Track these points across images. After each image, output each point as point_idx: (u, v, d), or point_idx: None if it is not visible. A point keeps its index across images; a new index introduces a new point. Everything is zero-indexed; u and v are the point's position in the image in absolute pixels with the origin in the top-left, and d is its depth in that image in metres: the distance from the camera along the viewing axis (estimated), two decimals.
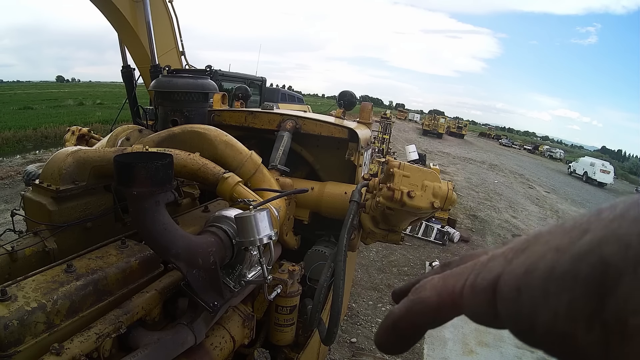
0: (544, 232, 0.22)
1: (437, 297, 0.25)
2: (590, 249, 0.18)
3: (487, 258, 0.24)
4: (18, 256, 1.30)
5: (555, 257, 0.19)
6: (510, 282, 0.21)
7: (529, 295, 0.20)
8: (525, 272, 0.20)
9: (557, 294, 0.19)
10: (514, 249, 0.22)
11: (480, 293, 0.23)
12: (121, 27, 3.96)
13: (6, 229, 1.51)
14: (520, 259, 0.21)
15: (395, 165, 1.69)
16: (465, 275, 0.24)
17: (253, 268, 1.36)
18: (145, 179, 1.00)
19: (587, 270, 0.18)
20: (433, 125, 32.95)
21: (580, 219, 0.20)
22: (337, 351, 3.75)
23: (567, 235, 0.20)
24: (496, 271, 0.22)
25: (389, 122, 12.43)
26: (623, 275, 0.17)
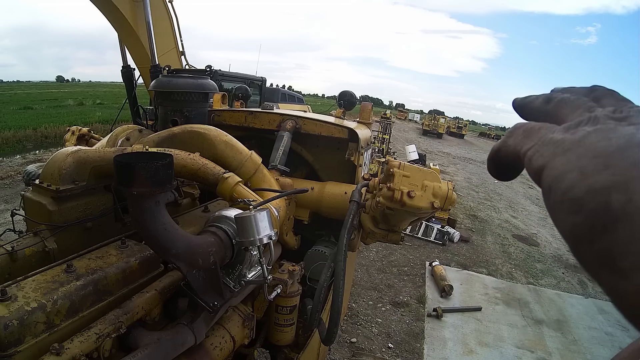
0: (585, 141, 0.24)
1: (513, 147, 0.31)
2: (602, 188, 0.20)
3: (548, 138, 0.28)
4: (18, 256, 1.30)
5: (578, 180, 0.22)
6: (546, 179, 0.25)
7: (554, 198, 0.24)
8: (555, 178, 0.24)
9: (569, 211, 0.22)
10: (564, 142, 0.26)
11: (531, 170, 0.28)
12: (121, 27, 3.96)
13: (6, 229, 1.51)
14: (560, 160, 0.25)
15: (395, 165, 1.69)
16: (532, 143, 0.29)
17: (253, 268, 1.36)
18: (145, 179, 1.00)
19: (593, 205, 0.20)
20: (433, 125, 32.93)
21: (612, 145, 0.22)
22: (337, 351, 3.75)
23: (594, 160, 0.22)
24: (543, 160, 0.26)
25: (389, 122, 12.43)
26: (619, 222, 0.19)
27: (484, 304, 5.04)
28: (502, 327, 4.61)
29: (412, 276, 5.62)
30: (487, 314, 4.85)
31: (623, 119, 0.25)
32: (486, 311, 4.91)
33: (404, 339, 4.15)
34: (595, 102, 0.31)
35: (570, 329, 4.75)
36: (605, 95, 0.32)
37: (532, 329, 4.68)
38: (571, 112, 0.30)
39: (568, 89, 0.35)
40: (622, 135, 0.23)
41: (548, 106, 0.33)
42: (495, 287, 5.69)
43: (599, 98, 0.32)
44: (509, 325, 4.67)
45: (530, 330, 4.65)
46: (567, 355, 4.25)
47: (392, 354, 3.91)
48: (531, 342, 4.40)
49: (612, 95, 0.31)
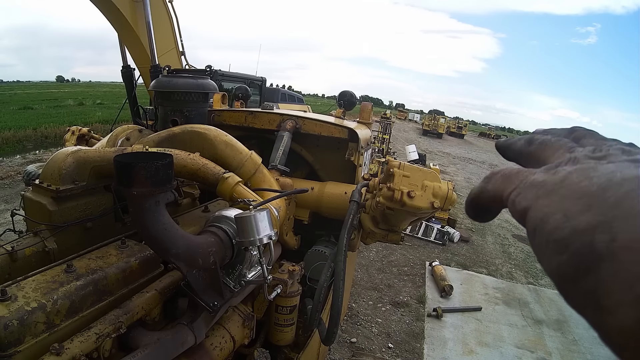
0: (568, 180, 0.25)
1: (493, 193, 0.32)
2: (586, 228, 0.21)
3: (530, 180, 0.28)
4: (18, 256, 1.30)
5: (561, 221, 0.23)
6: (531, 221, 0.25)
7: (539, 239, 0.24)
8: (540, 220, 0.24)
9: (554, 251, 0.22)
10: (546, 184, 0.26)
11: (515, 212, 0.28)
12: (121, 27, 3.96)
13: (6, 229, 1.51)
14: (543, 202, 0.25)
15: (395, 165, 1.68)
16: (514, 186, 0.29)
17: (253, 268, 1.36)
18: (145, 179, 1.00)
19: (578, 246, 0.21)
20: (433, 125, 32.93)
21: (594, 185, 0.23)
22: (337, 351, 3.75)
23: (578, 201, 0.23)
24: (527, 202, 0.26)
25: (389, 122, 12.42)
26: (603, 262, 0.19)
27: (484, 304, 5.05)
28: (502, 327, 4.61)
29: (412, 276, 5.62)
30: (487, 314, 4.85)
31: (603, 158, 0.26)
32: (486, 311, 4.91)
33: (404, 339, 4.15)
34: (576, 142, 0.31)
35: (570, 329, 4.75)
36: (585, 135, 0.33)
37: (532, 329, 4.69)
38: (552, 153, 0.31)
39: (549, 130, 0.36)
40: (602, 174, 0.23)
41: (530, 148, 0.34)
42: (495, 287, 5.69)
43: (579, 138, 0.32)
44: (509, 325, 4.67)
45: (530, 330, 4.65)
46: (567, 355, 4.25)
47: (392, 354, 3.91)
48: (531, 342, 4.40)
49: (592, 135, 0.32)
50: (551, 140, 0.33)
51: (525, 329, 4.67)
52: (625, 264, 0.19)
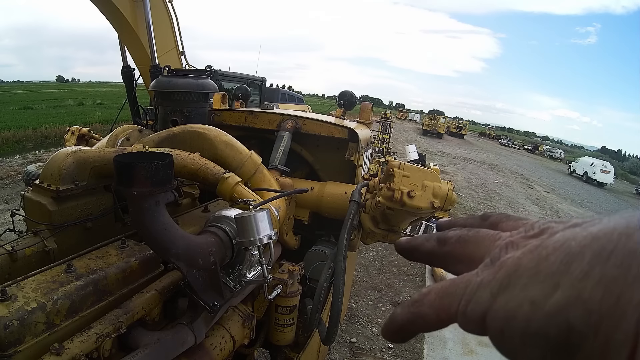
0: (523, 267, 0.22)
1: (435, 315, 0.27)
2: (559, 309, 0.19)
3: (476, 283, 0.25)
4: (18, 256, 1.30)
5: (531, 311, 0.21)
6: (494, 324, 0.23)
7: (510, 340, 0.22)
8: (506, 318, 0.22)
9: (532, 347, 0.20)
10: (498, 280, 0.23)
11: (472, 323, 0.24)
12: (121, 27, 3.96)
13: (6, 229, 1.51)
14: (502, 300, 0.22)
15: (395, 165, 1.68)
16: (459, 298, 0.25)
17: (253, 268, 1.36)
18: (145, 179, 1.00)
19: (555, 331, 0.19)
20: (433, 125, 32.95)
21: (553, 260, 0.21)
22: (337, 351, 3.75)
23: (541, 284, 0.21)
24: (483, 306, 0.23)
25: (389, 122, 12.43)
26: (586, 339, 0.18)
27: None
28: None
29: (412, 276, 5.62)
30: None
31: (542, 233, 0.24)
32: None
33: None
34: (492, 228, 0.29)
35: None
36: (502, 219, 0.30)
37: None
38: (477, 247, 0.28)
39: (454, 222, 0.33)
40: (555, 248, 0.21)
41: (445, 248, 0.31)
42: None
43: (496, 223, 0.30)
44: None
45: None
46: None
47: (392, 354, 3.91)
48: None
49: (508, 217, 0.30)
50: (469, 234, 0.29)
51: None
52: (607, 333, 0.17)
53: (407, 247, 0.35)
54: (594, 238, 0.20)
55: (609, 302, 0.18)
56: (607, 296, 0.18)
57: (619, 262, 0.18)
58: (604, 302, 0.18)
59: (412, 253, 0.34)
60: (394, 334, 0.30)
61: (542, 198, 14.31)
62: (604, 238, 0.20)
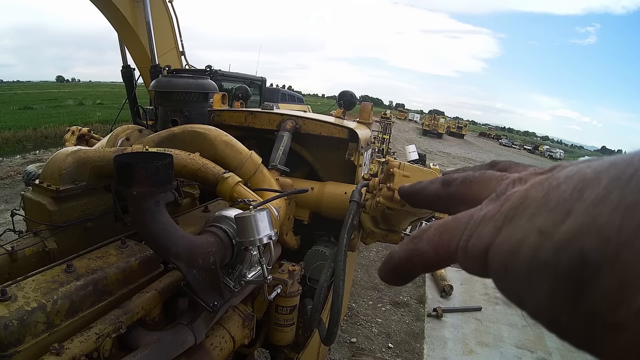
0: (531, 197, 0.21)
1: (434, 252, 0.25)
2: (570, 238, 0.17)
3: (479, 217, 0.23)
4: (18, 256, 1.30)
5: (539, 242, 0.19)
6: (497, 259, 0.21)
7: (514, 277, 0.20)
8: (510, 252, 0.20)
9: (539, 282, 0.18)
10: (503, 213, 0.22)
11: (473, 259, 0.22)
12: (121, 27, 3.96)
13: (6, 229, 1.51)
14: (507, 232, 0.21)
15: (395, 165, 1.68)
16: (460, 233, 0.24)
17: (253, 268, 1.36)
18: (145, 179, 1.00)
19: (567, 261, 0.17)
20: (433, 125, 32.96)
21: (564, 188, 0.19)
22: (337, 351, 3.75)
23: (551, 212, 0.19)
24: (485, 240, 0.22)
25: (389, 122, 12.42)
26: (601, 271, 0.16)
27: (484, 304, 5.04)
28: (502, 327, 4.61)
29: None
30: (487, 314, 4.85)
31: (552, 169, 0.22)
32: (486, 311, 4.90)
33: (404, 339, 4.15)
34: None
35: None
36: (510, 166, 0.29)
37: (532, 329, 4.68)
38: (483, 188, 0.26)
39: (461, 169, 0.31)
40: (568, 177, 0.20)
41: (450, 189, 0.29)
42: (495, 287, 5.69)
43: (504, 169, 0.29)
44: (509, 325, 4.67)
45: (530, 330, 4.65)
46: (567, 355, 4.25)
47: (392, 354, 3.91)
48: (531, 342, 4.40)
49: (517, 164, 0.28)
50: (475, 175, 0.28)
51: (525, 329, 4.67)
52: (627, 266, 0.15)
53: (410, 191, 0.33)
54: (611, 164, 0.18)
55: (629, 229, 0.16)
56: (627, 222, 0.16)
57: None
58: (623, 228, 0.16)
59: (415, 197, 0.32)
60: (389, 272, 0.29)
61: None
62: (622, 163, 0.18)
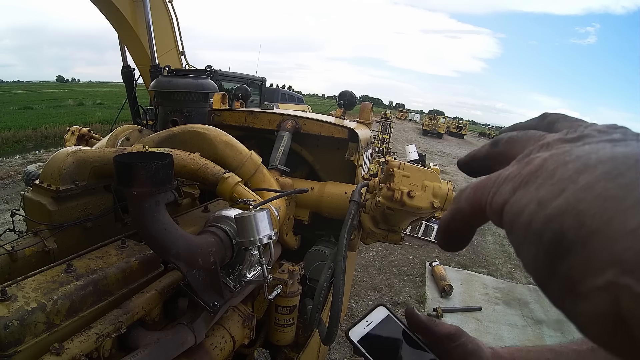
0: (544, 167, 0.23)
1: (470, 208, 0.29)
2: (557, 214, 0.20)
3: (504, 176, 0.26)
4: (18, 256, 1.30)
5: (535, 211, 0.21)
6: (507, 217, 0.24)
7: (515, 235, 0.23)
8: (516, 213, 0.23)
9: (529, 245, 0.21)
10: (521, 176, 0.24)
11: (494, 214, 0.26)
12: (121, 27, 3.96)
13: (6, 229, 1.51)
14: (520, 194, 0.23)
15: (395, 165, 1.69)
16: (488, 189, 0.27)
17: (253, 268, 1.36)
18: (145, 179, 1.00)
19: (550, 234, 0.20)
20: (433, 125, 32.95)
21: (568, 170, 0.22)
22: (337, 351, 3.75)
23: (551, 187, 0.21)
24: (503, 197, 0.25)
25: (389, 122, 12.43)
26: (573, 249, 0.19)
27: (484, 304, 5.04)
28: (502, 327, 4.61)
29: (412, 276, 5.62)
30: (487, 314, 4.85)
31: (577, 139, 0.25)
32: (486, 311, 4.91)
33: None
34: (549, 129, 0.30)
35: (571, 329, 4.75)
36: (559, 119, 0.31)
37: (532, 329, 4.69)
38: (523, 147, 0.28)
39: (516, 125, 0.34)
40: (578, 157, 0.22)
41: (497, 149, 0.32)
42: (495, 287, 5.69)
43: (552, 122, 0.31)
44: (509, 325, 4.67)
45: (530, 330, 4.65)
46: None
47: None
48: (531, 342, 4.40)
49: (565, 118, 0.31)
50: (518, 135, 0.30)
51: (525, 329, 4.67)
52: (594, 250, 0.18)
53: (466, 159, 0.35)
54: (612, 157, 0.21)
55: (601, 220, 0.18)
56: (601, 213, 0.18)
57: (624, 183, 0.19)
58: (596, 218, 0.18)
59: (472, 163, 0.35)
60: (443, 236, 0.32)
61: None
62: (621, 159, 0.20)
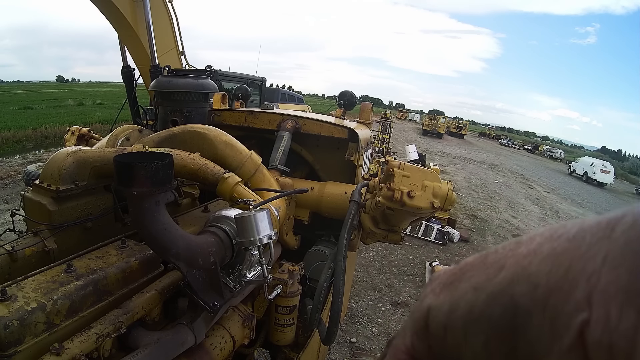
0: (469, 264, 0.22)
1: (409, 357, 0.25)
2: (502, 288, 0.18)
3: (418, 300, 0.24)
4: (18, 256, 1.30)
5: (473, 297, 0.19)
6: (437, 319, 0.21)
7: (452, 334, 0.20)
8: (449, 311, 0.21)
9: (475, 334, 0.19)
10: (441, 283, 0.23)
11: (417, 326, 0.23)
12: (121, 27, 3.96)
13: (6, 229, 1.51)
14: (445, 295, 0.22)
15: (395, 165, 1.69)
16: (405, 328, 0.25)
17: (253, 268, 1.36)
18: (145, 179, 1.00)
19: (499, 311, 0.18)
20: (433, 125, 32.95)
21: (501, 251, 0.20)
22: (337, 351, 3.75)
23: (486, 271, 0.20)
24: (426, 304, 0.23)
25: (389, 122, 12.43)
26: (532, 316, 0.16)
27: None
28: None
29: (412, 276, 5.62)
30: None
31: None
32: None
33: None
34: None
35: None
36: None
37: None
38: None
39: None
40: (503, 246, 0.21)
41: None
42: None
43: None
44: None
45: None
46: None
47: None
48: None
49: None
50: None
51: None
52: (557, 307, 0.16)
53: None
54: (547, 229, 0.19)
55: (558, 274, 0.16)
56: (556, 268, 0.16)
57: (571, 236, 0.17)
58: (552, 274, 0.16)
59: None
60: None
61: (542, 198, 14.30)
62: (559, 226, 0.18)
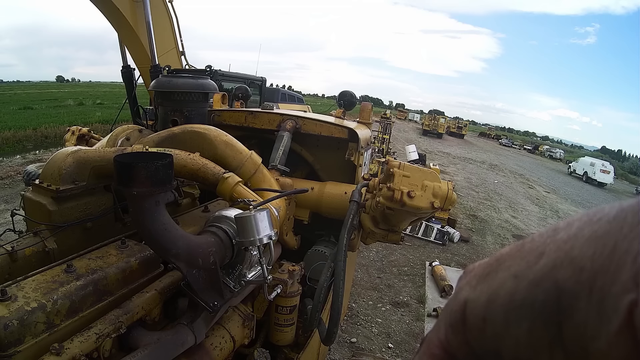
0: (505, 254, 0.22)
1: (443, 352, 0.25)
2: (544, 274, 0.18)
3: (453, 294, 0.24)
4: (18, 256, 1.30)
5: (514, 285, 0.19)
6: (475, 311, 0.21)
7: (492, 325, 0.20)
8: (488, 301, 0.20)
9: (517, 322, 0.18)
10: (476, 275, 0.22)
11: (453, 320, 0.22)
12: (121, 27, 3.96)
13: (6, 229, 1.51)
14: (483, 286, 0.21)
15: (395, 165, 1.69)
16: (439, 322, 0.24)
17: (253, 268, 1.36)
18: (145, 179, 1.00)
19: (543, 297, 0.17)
20: (433, 125, 32.95)
21: (538, 239, 0.20)
22: (337, 351, 3.75)
23: (525, 259, 0.19)
24: (463, 297, 0.22)
25: (389, 122, 12.43)
26: (578, 300, 0.16)
27: None
28: None
29: (412, 276, 5.62)
30: None
31: None
32: None
33: (404, 339, 4.14)
34: None
35: None
36: None
37: None
38: None
39: None
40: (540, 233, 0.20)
41: None
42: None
43: None
44: None
45: None
46: None
47: (392, 354, 3.91)
48: None
49: None
50: None
51: None
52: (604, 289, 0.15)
53: None
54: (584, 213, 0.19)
55: (603, 256, 0.16)
56: (600, 250, 0.16)
57: (611, 218, 0.17)
58: (596, 256, 0.16)
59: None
60: None
61: (542, 198, 14.30)
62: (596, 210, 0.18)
